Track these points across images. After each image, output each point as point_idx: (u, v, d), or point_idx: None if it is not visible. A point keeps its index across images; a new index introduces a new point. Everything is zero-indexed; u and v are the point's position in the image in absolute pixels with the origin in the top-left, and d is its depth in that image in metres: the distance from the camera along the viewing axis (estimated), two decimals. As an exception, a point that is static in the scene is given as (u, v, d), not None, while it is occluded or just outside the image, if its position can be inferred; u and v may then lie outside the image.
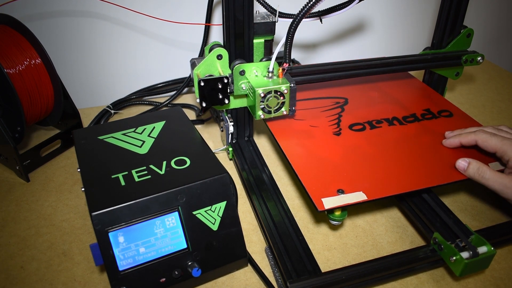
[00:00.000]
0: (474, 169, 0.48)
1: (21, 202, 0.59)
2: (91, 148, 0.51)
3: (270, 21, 0.55)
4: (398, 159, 0.52)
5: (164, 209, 0.43)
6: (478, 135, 0.50)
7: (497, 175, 0.47)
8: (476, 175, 0.48)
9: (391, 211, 0.58)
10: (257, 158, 0.63)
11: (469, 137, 0.51)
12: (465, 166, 0.49)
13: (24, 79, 0.60)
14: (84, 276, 0.48)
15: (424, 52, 0.67)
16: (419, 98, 0.67)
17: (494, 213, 0.57)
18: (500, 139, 0.49)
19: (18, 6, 0.69)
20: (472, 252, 0.43)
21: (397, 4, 0.97)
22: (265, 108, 0.53)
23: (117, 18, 0.80)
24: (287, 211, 0.53)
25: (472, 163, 0.48)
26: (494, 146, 0.49)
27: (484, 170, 0.47)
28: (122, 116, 0.80)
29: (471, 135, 0.51)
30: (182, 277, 0.44)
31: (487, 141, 0.49)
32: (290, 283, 0.42)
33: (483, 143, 0.50)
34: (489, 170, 0.47)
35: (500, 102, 0.86)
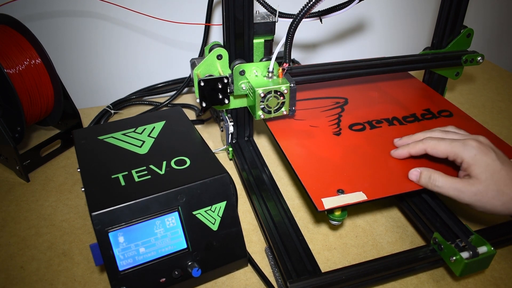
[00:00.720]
0: (426, 178, 0.46)
1: (21, 202, 0.59)
2: (91, 148, 0.51)
3: (270, 21, 0.55)
4: (398, 159, 0.52)
5: (164, 209, 0.43)
6: (426, 143, 0.48)
7: (449, 181, 0.45)
8: (429, 184, 0.46)
9: (391, 211, 0.58)
10: (257, 158, 0.63)
11: (417, 147, 0.49)
12: (417, 176, 0.47)
13: (24, 79, 0.60)
14: (84, 276, 0.48)
15: (424, 52, 0.67)
16: (419, 98, 0.67)
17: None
18: (448, 143, 0.46)
19: (18, 6, 0.69)
20: (472, 252, 0.43)
21: (397, 4, 0.97)
22: (265, 108, 0.53)
23: (117, 18, 0.80)
24: (287, 211, 0.53)
25: (423, 172, 0.47)
26: (444, 151, 0.47)
27: (436, 177, 0.45)
28: (122, 116, 0.80)
29: (419, 145, 0.49)
30: (182, 277, 0.44)
31: (436, 148, 0.47)
32: (290, 283, 0.42)
33: (432, 150, 0.48)
34: (441, 176, 0.45)
35: (500, 102, 0.86)
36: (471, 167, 0.45)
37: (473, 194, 0.44)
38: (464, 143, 0.46)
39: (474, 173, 0.44)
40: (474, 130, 0.59)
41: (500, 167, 0.44)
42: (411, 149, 0.50)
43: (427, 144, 0.48)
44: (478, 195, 0.44)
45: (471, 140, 0.46)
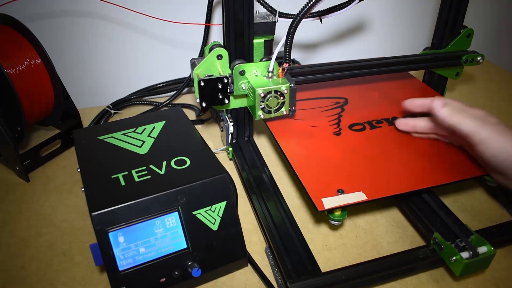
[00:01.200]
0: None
1: (21, 202, 0.59)
2: (91, 148, 0.51)
3: (270, 21, 0.55)
4: (398, 159, 0.52)
5: (164, 209, 0.43)
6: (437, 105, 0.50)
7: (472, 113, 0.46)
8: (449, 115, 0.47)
9: (391, 211, 0.58)
10: (257, 158, 0.63)
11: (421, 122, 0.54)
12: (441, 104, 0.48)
13: (24, 79, 0.60)
14: (84, 276, 0.48)
15: (424, 52, 0.67)
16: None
17: (494, 213, 0.57)
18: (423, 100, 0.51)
19: (18, 6, 0.68)
20: (472, 252, 0.43)
21: (397, 4, 0.97)
22: (265, 108, 0.53)
23: (117, 18, 0.80)
24: (287, 211, 0.53)
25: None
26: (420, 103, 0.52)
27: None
28: (122, 116, 0.80)
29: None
30: (182, 277, 0.44)
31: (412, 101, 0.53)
32: (290, 283, 0.43)
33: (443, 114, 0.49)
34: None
35: (500, 102, 0.86)
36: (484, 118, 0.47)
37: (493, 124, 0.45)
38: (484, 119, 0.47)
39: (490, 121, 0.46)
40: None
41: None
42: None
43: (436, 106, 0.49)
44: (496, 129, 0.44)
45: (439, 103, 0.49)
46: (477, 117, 0.46)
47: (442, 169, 0.50)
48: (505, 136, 0.44)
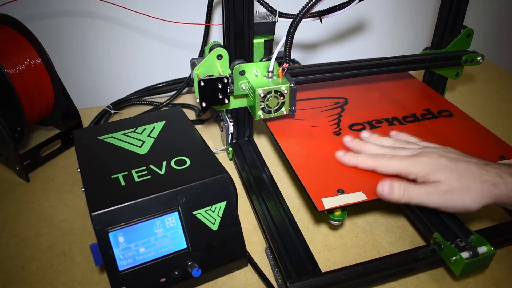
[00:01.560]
0: (400, 191, 0.44)
1: (21, 202, 0.59)
2: (91, 148, 0.51)
3: (270, 21, 0.55)
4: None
5: (164, 209, 0.43)
6: (376, 162, 0.48)
7: (418, 188, 0.44)
8: (403, 198, 0.44)
9: (391, 211, 0.58)
10: (257, 158, 0.63)
11: (367, 163, 0.48)
12: (388, 191, 0.44)
13: (24, 79, 0.60)
14: (84, 276, 0.48)
15: (424, 52, 0.67)
16: (419, 98, 0.67)
17: (494, 213, 0.57)
18: (398, 162, 0.46)
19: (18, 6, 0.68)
20: (472, 252, 0.43)
21: (397, 4, 0.97)
22: (265, 108, 0.53)
23: (117, 18, 0.80)
24: (287, 211, 0.53)
25: (395, 185, 0.44)
26: (395, 170, 0.46)
27: (407, 187, 0.44)
28: (122, 116, 0.80)
29: (368, 161, 0.48)
30: (182, 277, 0.44)
31: (386, 167, 0.47)
32: (290, 283, 0.42)
33: (382, 169, 0.47)
34: (411, 185, 0.44)
35: (500, 102, 0.86)
36: (426, 176, 0.44)
37: (443, 193, 0.43)
38: (414, 160, 0.45)
39: (433, 178, 0.44)
40: (474, 130, 0.59)
41: (454, 167, 0.44)
42: (360, 164, 0.49)
43: (377, 163, 0.48)
44: (447, 193, 0.43)
45: (420, 155, 0.46)
46: (424, 191, 0.43)
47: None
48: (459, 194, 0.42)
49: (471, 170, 0.43)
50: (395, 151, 0.49)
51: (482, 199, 0.42)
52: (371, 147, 0.51)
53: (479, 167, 0.44)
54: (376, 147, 0.51)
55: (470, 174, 0.43)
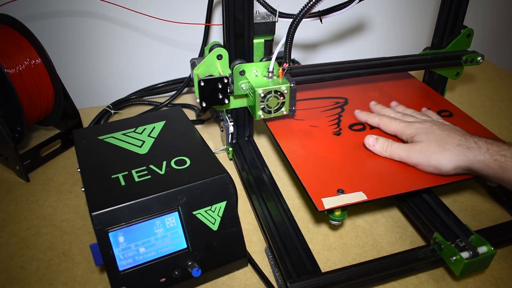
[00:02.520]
0: (383, 145, 0.52)
1: (21, 202, 0.59)
2: (91, 148, 0.51)
3: (270, 21, 0.55)
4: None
5: (164, 209, 0.43)
6: (381, 120, 0.56)
7: (399, 144, 0.51)
8: (384, 149, 0.52)
9: (391, 211, 0.58)
10: (257, 158, 0.63)
11: (374, 120, 0.57)
12: (373, 141, 0.52)
13: (24, 79, 0.60)
14: (84, 276, 0.48)
15: (424, 52, 0.67)
16: (419, 98, 0.67)
17: (494, 213, 0.57)
18: (397, 123, 0.54)
19: (18, 6, 0.68)
20: (472, 252, 0.43)
21: (397, 4, 0.97)
22: (265, 108, 0.53)
23: (117, 18, 0.80)
24: (287, 211, 0.53)
25: (380, 139, 0.52)
26: (393, 130, 0.54)
27: (391, 142, 0.52)
28: (122, 116, 0.80)
29: (375, 119, 0.57)
30: (182, 277, 0.44)
31: (387, 125, 0.55)
32: (290, 283, 0.42)
33: (384, 127, 0.56)
34: (394, 142, 0.52)
35: (500, 102, 0.86)
36: (413, 137, 0.51)
37: (418, 151, 0.49)
38: (409, 124, 0.53)
39: (417, 138, 0.51)
40: (474, 130, 0.59)
41: (440, 131, 0.50)
42: (369, 119, 0.58)
43: (381, 120, 0.56)
44: (422, 151, 0.49)
45: (417, 123, 0.53)
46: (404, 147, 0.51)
47: None
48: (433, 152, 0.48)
49: (452, 135, 0.49)
50: (403, 117, 0.57)
51: (456, 160, 0.47)
52: (387, 110, 0.60)
53: (461, 135, 0.49)
54: (391, 111, 0.59)
55: (450, 138, 0.49)
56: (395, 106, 0.62)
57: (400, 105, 0.62)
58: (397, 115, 0.57)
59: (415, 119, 0.55)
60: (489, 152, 0.45)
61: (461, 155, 0.47)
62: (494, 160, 0.44)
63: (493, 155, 0.45)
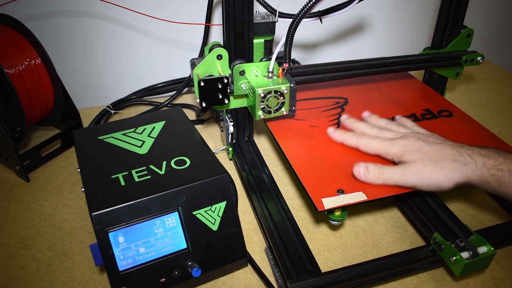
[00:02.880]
0: (375, 172, 0.47)
1: (21, 202, 0.59)
2: (91, 148, 0.51)
3: (270, 21, 0.55)
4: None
5: (164, 209, 0.43)
6: (360, 141, 0.52)
7: (392, 169, 0.47)
8: (377, 176, 0.47)
9: (391, 211, 0.58)
10: (257, 158, 0.63)
11: (351, 141, 0.53)
12: (364, 172, 0.47)
13: (24, 79, 0.60)
14: (84, 276, 0.48)
15: (424, 52, 0.67)
16: (419, 98, 0.67)
17: (494, 213, 0.57)
18: (378, 143, 0.50)
19: (18, 6, 0.68)
20: (472, 252, 0.43)
21: (397, 4, 0.97)
22: (265, 108, 0.53)
23: (117, 18, 0.80)
24: (287, 211, 0.53)
25: (370, 167, 0.47)
26: (375, 150, 0.50)
27: (382, 168, 0.47)
28: (122, 116, 0.80)
29: (353, 140, 0.52)
30: (182, 277, 0.44)
31: (367, 146, 0.51)
32: (290, 283, 0.42)
33: (364, 148, 0.51)
34: (386, 166, 0.47)
35: (500, 102, 0.86)
36: (401, 157, 0.47)
37: (415, 173, 0.46)
38: (392, 142, 0.49)
39: (407, 158, 0.47)
40: (474, 130, 0.59)
41: (429, 148, 0.47)
42: (346, 141, 0.53)
43: (360, 141, 0.52)
44: (419, 173, 0.45)
45: (399, 138, 0.49)
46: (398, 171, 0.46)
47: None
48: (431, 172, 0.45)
49: (444, 151, 0.46)
50: (381, 132, 0.53)
51: (454, 177, 0.45)
52: (361, 126, 0.55)
53: (452, 149, 0.46)
54: (366, 127, 0.55)
55: (443, 154, 0.46)
56: (368, 117, 0.58)
57: (373, 115, 0.58)
58: (373, 131, 0.53)
59: (394, 134, 0.52)
60: (485, 166, 0.44)
61: (459, 172, 0.45)
62: (491, 175, 0.44)
63: (490, 170, 0.44)
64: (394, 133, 0.52)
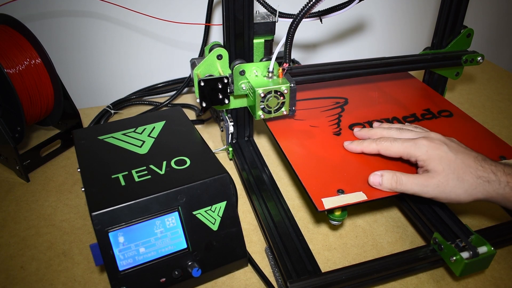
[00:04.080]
0: (390, 181, 0.46)
1: (21, 202, 0.59)
2: (91, 148, 0.51)
3: (270, 21, 0.55)
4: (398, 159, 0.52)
5: (164, 209, 0.43)
6: (380, 145, 0.49)
7: (411, 178, 0.45)
8: (393, 187, 0.45)
9: (391, 211, 0.58)
10: (257, 158, 0.63)
11: (371, 147, 0.50)
12: (379, 180, 0.46)
13: (24, 79, 0.60)
14: (84, 276, 0.48)
15: (424, 52, 0.67)
16: (419, 98, 0.67)
17: (494, 213, 0.57)
18: (401, 144, 0.47)
19: (18, 6, 0.68)
20: (472, 252, 0.43)
21: (397, 4, 0.97)
22: (265, 108, 0.53)
23: (117, 18, 0.80)
24: (287, 211, 0.53)
25: (385, 175, 0.46)
26: (397, 152, 0.48)
27: (399, 176, 0.45)
28: (122, 116, 0.80)
29: (372, 145, 0.50)
30: (182, 277, 0.44)
31: (389, 149, 0.48)
32: (290, 283, 0.42)
33: (385, 151, 0.49)
34: (404, 175, 0.46)
35: (500, 102, 0.86)
36: (426, 162, 0.45)
37: (436, 186, 0.44)
38: (415, 142, 0.47)
39: (431, 166, 0.45)
40: (474, 130, 0.59)
41: (454, 157, 0.45)
42: (365, 149, 0.51)
43: (380, 145, 0.49)
44: (440, 186, 0.44)
45: (422, 138, 0.47)
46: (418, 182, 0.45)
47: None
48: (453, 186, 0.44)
49: (468, 163, 0.45)
50: (400, 133, 0.51)
51: (475, 193, 0.44)
52: (377, 131, 0.53)
53: (476, 162, 0.45)
54: (382, 130, 0.52)
55: (467, 167, 0.44)
56: (379, 125, 0.56)
57: (384, 123, 0.56)
58: (391, 133, 0.51)
59: (415, 133, 0.50)
60: (509, 186, 0.43)
61: (481, 189, 0.43)
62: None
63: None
64: (414, 132, 0.50)
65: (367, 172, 0.49)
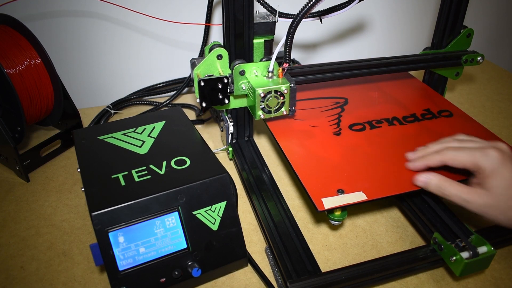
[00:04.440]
0: (435, 186, 0.45)
1: (21, 202, 0.59)
2: (91, 148, 0.51)
3: (270, 21, 0.55)
4: (398, 159, 0.52)
5: (164, 209, 0.43)
6: (445, 155, 0.46)
7: (458, 190, 0.44)
8: (437, 192, 0.45)
9: (391, 211, 0.58)
10: (257, 158, 0.63)
11: (435, 159, 0.47)
12: (425, 183, 0.46)
13: (24, 79, 0.60)
14: (84, 276, 0.48)
15: (424, 52, 0.67)
16: (419, 98, 0.67)
17: (494, 213, 0.57)
18: (468, 153, 0.45)
19: (18, 6, 0.68)
20: (472, 252, 0.43)
21: (397, 4, 0.97)
22: (265, 108, 0.53)
23: (117, 18, 0.80)
24: (287, 211, 0.53)
25: (433, 179, 0.45)
26: (465, 162, 0.45)
27: (445, 185, 0.45)
28: (122, 116, 0.80)
29: (436, 157, 0.47)
30: (182, 277, 0.44)
31: (456, 159, 0.45)
32: (290, 283, 0.43)
33: (452, 161, 0.46)
34: (451, 185, 0.44)
35: (500, 102, 0.86)
36: (488, 178, 0.43)
37: (481, 207, 0.43)
38: (485, 153, 0.44)
39: (489, 185, 0.43)
40: (474, 130, 0.59)
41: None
42: (429, 162, 0.47)
43: (446, 156, 0.46)
44: (486, 208, 0.43)
45: (492, 149, 0.44)
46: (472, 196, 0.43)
47: (442, 169, 0.50)
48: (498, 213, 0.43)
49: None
50: (462, 143, 0.48)
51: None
52: (434, 145, 0.49)
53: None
54: (440, 143, 0.50)
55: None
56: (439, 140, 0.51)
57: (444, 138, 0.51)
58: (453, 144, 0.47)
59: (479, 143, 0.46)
60: None
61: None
62: None
63: None
64: (477, 142, 0.47)
65: (367, 172, 0.50)
